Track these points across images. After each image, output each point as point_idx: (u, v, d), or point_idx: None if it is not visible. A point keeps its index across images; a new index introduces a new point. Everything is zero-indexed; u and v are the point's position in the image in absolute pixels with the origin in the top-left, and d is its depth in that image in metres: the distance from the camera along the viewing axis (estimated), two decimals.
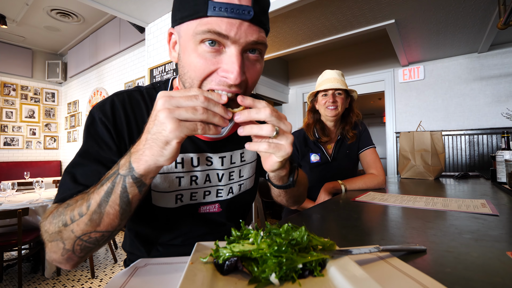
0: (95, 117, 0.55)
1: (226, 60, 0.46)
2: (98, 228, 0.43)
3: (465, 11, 2.06)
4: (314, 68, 4.21)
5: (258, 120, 0.44)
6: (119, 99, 0.58)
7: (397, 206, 0.88)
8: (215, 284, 0.34)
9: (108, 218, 0.43)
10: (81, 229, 0.43)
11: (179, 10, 0.49)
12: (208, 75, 0.47)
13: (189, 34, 0.47)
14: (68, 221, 0.43)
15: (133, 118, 0.58)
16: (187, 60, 0.48)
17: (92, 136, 0.54)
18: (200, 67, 0.47)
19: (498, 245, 0.49)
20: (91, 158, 0.53)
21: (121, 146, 0.56)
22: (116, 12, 2.63)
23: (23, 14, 3.82)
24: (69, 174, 0.52)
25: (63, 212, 0.45)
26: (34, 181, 2.42)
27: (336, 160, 1.45)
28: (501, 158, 1.31)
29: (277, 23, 2.29)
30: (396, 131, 3.43)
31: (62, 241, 0.44)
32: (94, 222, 0.43)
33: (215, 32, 0.44)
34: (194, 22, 0.46)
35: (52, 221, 0.45)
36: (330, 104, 1.39)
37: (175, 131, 0.37)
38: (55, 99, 5.53)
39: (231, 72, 0.45)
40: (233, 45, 0.46)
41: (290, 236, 0.38)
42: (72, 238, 0.43)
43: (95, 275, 2.33)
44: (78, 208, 0.43)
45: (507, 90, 2.81)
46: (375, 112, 7.37)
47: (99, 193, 0.42)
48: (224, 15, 0.43)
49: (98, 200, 0.42)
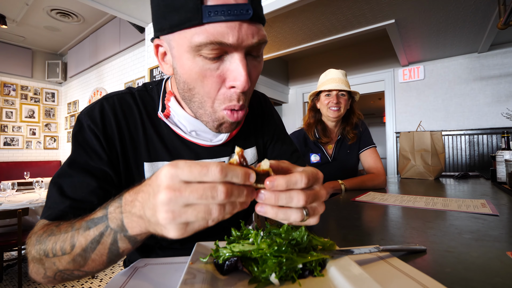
0: (83, 123, 0.51)
1: (231, 68, 0.42)
2: (82, 268, 0.39)
3: (465, 11, 2.06)
4: (314, 68, 4.21)
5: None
6: (109, 104, 0.53)
7: (397, 206, 0.88)
8: (215, 284, 0.34)
9: (93, 263, 0.39)
10: (63, 266, 0.39)
11: (165, 18, 0.42)
12: (216, 91, 0.44)
13: (184, 46, 0.42)
14: (50, 254, 0.39)
15: (124, 124, 0.54)
16: (188, 77, 0.44)
17: (80, 145, 0.50)
18: (205, 83, 0.43)
19: (498, 245, 0.49)
20: (79, 168, 0.49)
21: (112, 155, 0.51)
22: (116, 12, 2.63)
23: (23, 14, 3.82)
24: (56, 185, 0.48)
25: (45, 241, 0.40)
26: (34, 181, 2.42)
27: (336, 160, 1.45)
28: (501, 158, 1.31)
29: (277, 23, 2.29)
30: (396, 131, 3.43)
31: (43, 268, 0.41)
32: (78, 264, 0.39)
33: (217, 43, 0.39)
34: (188, 31, 0.40)
35: (35, 246, 0.41)
36: (333, 105, 1.38)
37: (178, 236, 0.30)
38: (55, 99, 5.53)
39: (239, 80, 0.42)
40: (235, 51, 0.41)
41: (290, 236, 0.38)
42: (54, 269, 0.40)
43: (95, 275, 2.33)
44: (60, 243, 0.39)
45: (507, 90, 2.81)
46: (375, 112, 7.37)
47: (85, 237, 0.37)
48: (222, 19, 0.38)
49: (84, 245, 0.37)
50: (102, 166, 0.50)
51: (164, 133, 0.57)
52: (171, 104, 0.55)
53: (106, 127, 0.52)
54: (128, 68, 3.96)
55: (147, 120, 0.56)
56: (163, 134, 0.57)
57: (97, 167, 0.50)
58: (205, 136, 0.58)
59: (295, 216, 0.34)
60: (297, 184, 0.32)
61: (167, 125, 0.56)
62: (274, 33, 2.50)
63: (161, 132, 0.57)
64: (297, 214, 0.33)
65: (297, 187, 0.33)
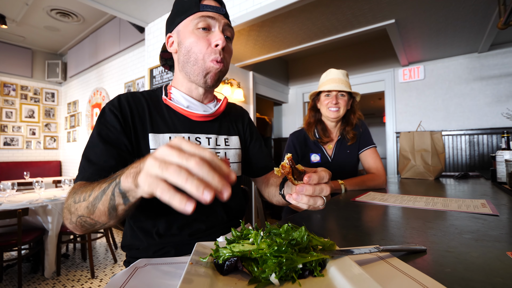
0: (105, 108, 0.69)
1: (214, 34, 0.70)
2: (92, 216, 0.51)
3: (465, 11, 2.06)
4: (314, 68, 4.21)
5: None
6: (123, 95, 0.73)
7: (397, 206, 0.88)
8: (215, 284, 0.34)
9: (98, 212, 0.49)
10: (81, 211, 0.52)
11: (177, 15, 0.72)
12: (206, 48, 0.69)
13: (187, 25, 0.70)
14: (76, 200, 0.53)
15: (135, 107, 0.72)
16: (188, 43, 0.69)
17: (103, 123, 0.67)
18: (199, 43, 0.69)
19: (498, 245, 0.49)
20: (102, 140, 0.64)
21: (126, 128, 0.68)
22: (116, 12, 2.63)
23: (23, 14, 3.82)
24: (84, 156, 0.63)
25: (75, 194, 0.54)
26: (34, 181, 2.42)
27: (337, 160, 1.45)
28: (501, 158, 1.31)
29: (277, 23, 2.29)
30: (396, 131, 3.43)
31: (70, 213, 0.55)
32: (89, 211, 0.50)
33: (207, 16, 0.69)
34: (190, 17, 0.70)
35: (68, 199, 0.56)
36: (332, 106, 1.38)
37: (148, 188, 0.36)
38: (55, 99, 5.53)
39: (219, 39, 0.69)
40: (216, 25, 0.70)
41: (290, 236, 0.38)
42: (76, 214, 0.53)
43: (95, 275, 2.33)
44: (83, 194, 0.52)
45: (507, 90, 2.81)
46: (375, 112, 7.37)
47: (99, 189, 0.49)
48: (209, 10, 0.69)
49: (95, 195, 0.49)
50: (119, 135, 0.66)
51: (165, 113, 0.75)
52: (172, 90, 0.78)
53: (122, 108, 0.70)
54: (128, 68, 3.96)
55: (152, 106, 0.75)
56: (164, 114, 0.75)
57: (115, 138, 0.66)
58: (197, 109, 0.78)
59: (320, 202, 0.49)
60: (324, 179, 0.49)
61: (167, 107, 0.76)
62: (274, 33, 2.50)
63: (162, 113, 0.75)
64: (321, 200, 0.49)
65: (324, 181, 0.49)
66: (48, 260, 2.24)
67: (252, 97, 3.58)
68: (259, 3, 2.03)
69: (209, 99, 0.82)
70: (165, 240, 0.71)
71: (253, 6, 2.08)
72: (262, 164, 0.92)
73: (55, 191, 2.98)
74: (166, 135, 0.72)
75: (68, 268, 2.54)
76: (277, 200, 0.81)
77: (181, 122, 0.75)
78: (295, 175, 0.49)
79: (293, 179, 0.49)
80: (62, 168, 5.53)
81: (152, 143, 0.69)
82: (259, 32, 2.47)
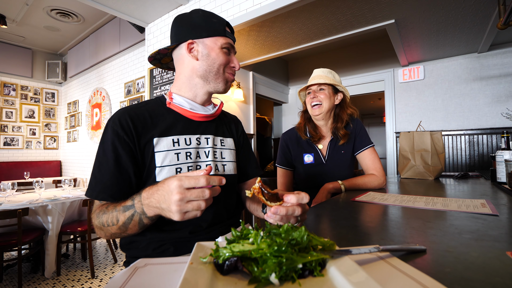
0: (108, 126, 0.75)
1: (233, 58, 0.87)
2: (124, 233, 0.67)
3: (465, 11, 2.06)
4: (314, 68, 4.19)
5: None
6: (123, 111, 0.78)
7: (397, 206, 0.88)
8: (215, 284, 0.34)
9: (131, 230, 0.66)
10: (114, 231, 0.67)
11: (205, 30, 0.82)
12: (226, 64, 0.84)
13: (215, 43, 0.82)
14: (105, 224, 0.66)
15: (136, 118, 0.77)
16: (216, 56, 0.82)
17: (107, 141, 0.73)
18: (224, 58, 0.83)
19: (498, 245, 0.49)
20: (106, 159, 0.72)
21: (130, 141, 0.75)
22: (116, 12, 2.63)
23: (23, 14, 3.82)
24: (92, 174, 0.72)
25: (101, 217, 0.67)
26: (34, 181, 2.42)
27: (331, 161, 1.40)
28: (501, 158, 1.31)
29: (277, 23, 2.29)
30: (396, 131, 3.43)
31: (103, 232, 0.68)
32: (122, 230, 0.66)
33: (231, 44, 0.85)
34: (218, 37, 0.83)
35: (95, 220, 0.69)
36: (312, 101, 1.37)
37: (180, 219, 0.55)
38: (55, 99, 5.53)
39: (237, 64, 0.87)
40: (233, 52, 0.88)
41: (290, 236, 0.38)
42: (109, 233, 0.68)
43: (95, 275, 2.33)
44: (110, 219, 0.65)
45: (507, 90, 2.81)
46: (375, 112, 7.37)
47: (123, 216, 0.64)
48: (231, 38, 0.85)
49: (123, 221, 0.64)
50: (125, 155, 0.73)
51: (166, 118, 0.82)
52: (174, 96, 0.86)
53: (122, 125, 0.75)
54: (128, 68, 3.96)
55: (153, 112, 0.82)
56: (166, 118, 0.82)
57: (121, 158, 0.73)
58: (199, 110, 0.86)
59: (293, 221, 0.59)
60: (303, 200, 0.57)
61: (169, 111, 0.83)
62: (274, 33, 2.50)
63: (164, 117, 0.82)
64: (293, 219, 0.59)
65: (303, 202, 0.57)
66: (48, 260, 2.24)
67: (252, 97, 3.58)
68: (259, 3, 2.03)
69: (209, 103, 0.92)
70: (165, 236, 0.74)
71: (253, 6, 2.08)
72: (245, 170, 1.00)
73: (55, 191, 2.98)
74: (169, 138, 0.78)
75: (68, 268, 2.54)
76: (257, 214, 0.89)
77: (182, 125, 0.82)
78: (266, 196, 0.56)
79: (264, 200, 0.56)
80: (62, 168, 5.53)
81: (157, 147, 0.76)
82: (259, 32, 2.47)
